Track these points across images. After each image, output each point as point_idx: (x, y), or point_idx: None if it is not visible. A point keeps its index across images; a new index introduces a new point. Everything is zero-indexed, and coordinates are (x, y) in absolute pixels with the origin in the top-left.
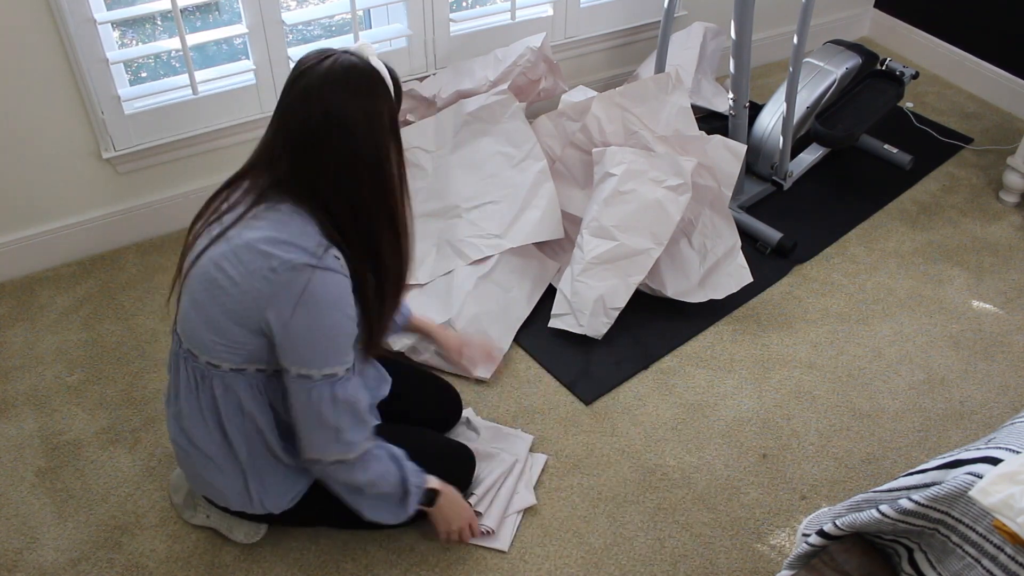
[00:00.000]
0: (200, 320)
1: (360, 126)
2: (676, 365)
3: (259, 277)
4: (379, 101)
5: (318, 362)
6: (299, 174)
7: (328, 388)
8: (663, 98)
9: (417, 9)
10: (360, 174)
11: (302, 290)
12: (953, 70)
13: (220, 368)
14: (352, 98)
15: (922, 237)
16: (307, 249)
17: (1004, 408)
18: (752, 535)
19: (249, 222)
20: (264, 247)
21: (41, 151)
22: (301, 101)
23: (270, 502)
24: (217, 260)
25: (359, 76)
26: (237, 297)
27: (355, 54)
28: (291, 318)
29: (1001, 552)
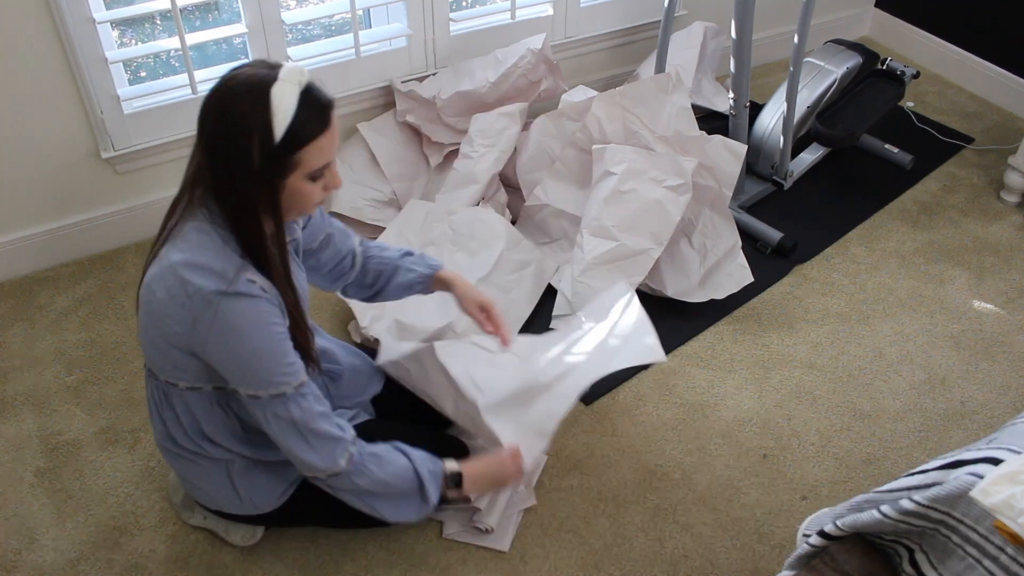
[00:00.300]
0: (147, 341)
1: (225, 144)
2: (676, 365)
3: (178, 304)
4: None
5: (259, 383)
6: (208, 177)
7: (281, 406)
8: (663, 98)
9: (417, 9)
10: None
11: (212, 319)
12: (954, 70)
13: (177, 387)
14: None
15: (923, 237)
16: (220, 273)
17: (1005, 408)
18: (752, 535)
19: (175, 241)
20: (181, 272)
21: (40, 151)
22: (209, 97)
23: (260, 500)
24: (150, 281)
25: (247, 90)
26: (166, 320)
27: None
28: (212, 346)
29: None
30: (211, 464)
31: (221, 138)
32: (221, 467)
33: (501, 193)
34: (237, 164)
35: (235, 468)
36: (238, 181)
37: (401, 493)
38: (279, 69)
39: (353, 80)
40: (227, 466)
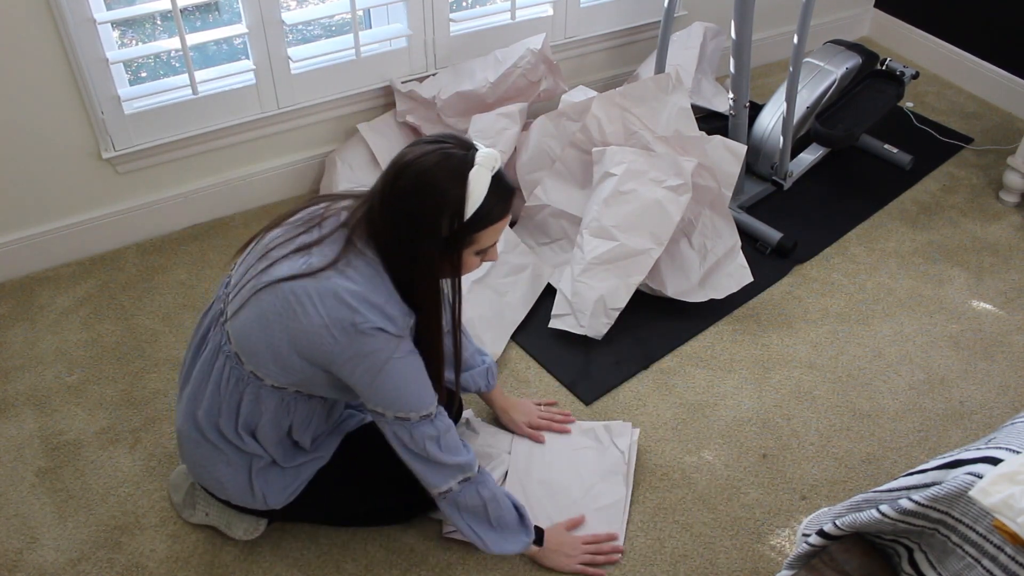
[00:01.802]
0: (262, 337)
1: (414, 211)
2: (676, 365)
3: (338, 328)
4: (441, 202)
5: (413, 406)
6: (385, 229)
7: (429, 425)
8: (663, 98)
9: (417, 9)
10: (406, 257)
11: (372, 354)
12: (953, 70)
13: (263, 381)
14: (423, 186)
15: (922, 237)
16: (390, 316)
17: (1004, 408)
18: (752, 535)
19: (343, 270)
20: (352, 301)
21: (41, 151)
22: (395, 160)
23: (272, 497)
24: (299, 294)
25: (445, 169)
26: (310, 335)
27: (471, 151)
28: (366, 378)
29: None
30: (237, 456)
31: (414, 204)
32: (245, 462)
33: None
34: (425, 231)
35: (257, 466)
36: (423, 246)
37: (504, 520)
38: (475, 152)
39: (353, 80)
40: (251, 461)
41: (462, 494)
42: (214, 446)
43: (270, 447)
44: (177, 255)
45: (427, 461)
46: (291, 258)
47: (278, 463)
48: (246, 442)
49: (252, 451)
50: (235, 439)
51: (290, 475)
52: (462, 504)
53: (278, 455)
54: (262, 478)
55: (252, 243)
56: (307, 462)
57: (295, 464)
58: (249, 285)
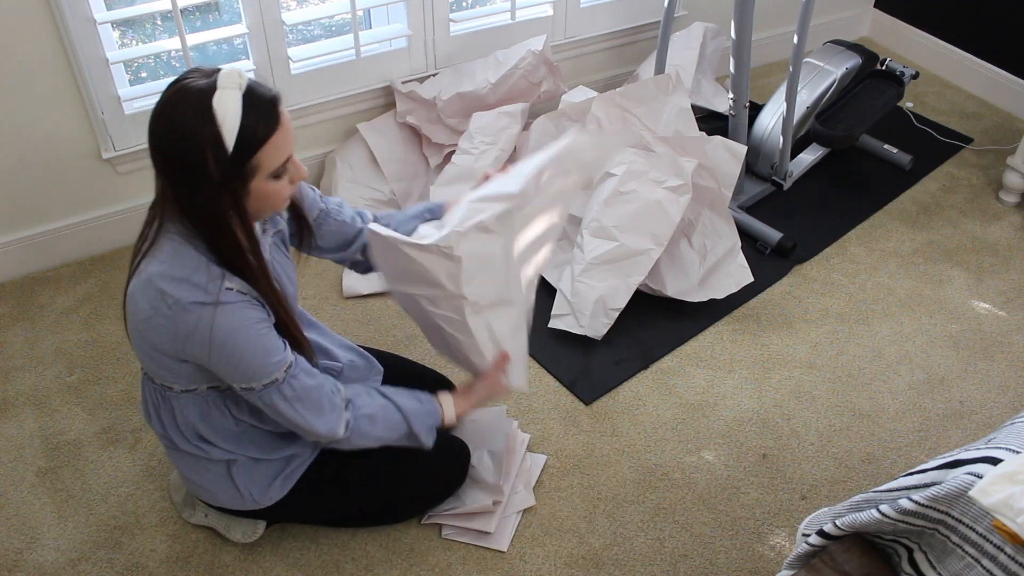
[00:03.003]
0: (138, 348)
1: (177, 157)
2: (676, 365)
3: (160, 315)
4: (197, 137)
5: (250, 378)
6: (171, 195)
7: (276, 391)
8: (663, 99)
9: (417, 9)
10: (191, 207)
11: (194, 329)
12: (953, 70)
13: (172, 390)
14: (176, 126)
15: (922, 237)
16: (199, 285)
17: (1004, 408)
18: (752, 535)
19: (153, 254)
20: (160, 284)
21: (41, 151)
22: (154, 115)
23: (260, 495)
24: (132, 294)
25: (189, 106)
26: (151, 331)
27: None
28: (198, 353)
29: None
30: (211, 464)
31: (174, 158)
32: (222, 466)
33: None
34: (196, 181)
35: (235, 467)
36: (201, 197)
37: (405, 436)
38: (216, 76)
39: (353, 80)
40: (228, 465)
41: (354, 437)
42: (186, 463)
43: (233, 447)
44: None
45: (288, 422)
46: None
47: (256, 458)
48: (207, 451)
49: (219, 457)
50: (197, 451)
51: (275, 468)
52: (363, 433)
53: (250, 450)
54: (244, 476)
55: None
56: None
57: (280, 456)
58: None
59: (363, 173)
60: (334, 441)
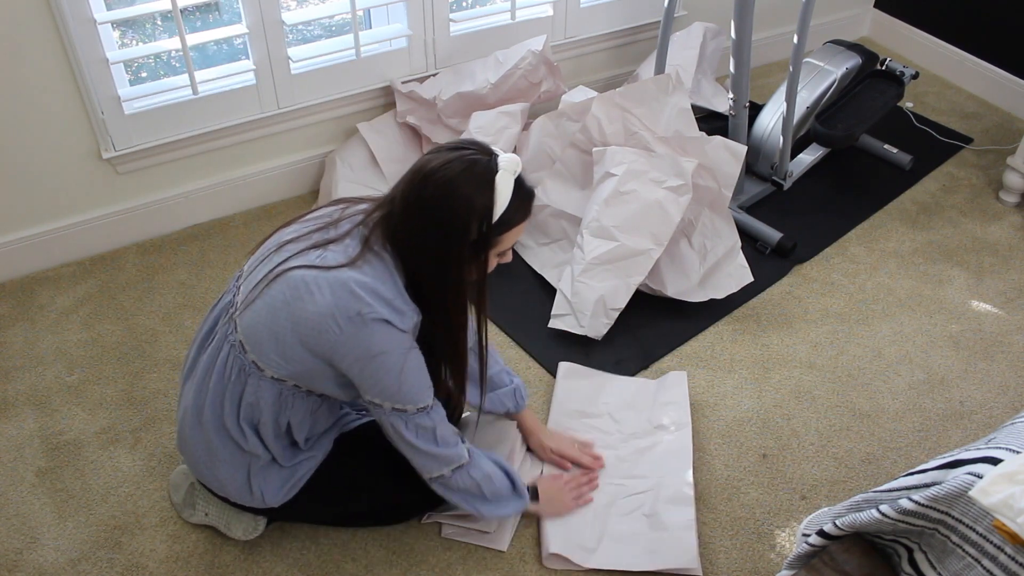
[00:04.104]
0: (268, 324)
1: (439, 218)
2: (676, 365)
3: (344, 318)
4: (470, 208)
5: (405, 399)
6: (397, 232)
7: (426, 417)
8: (663, 99)
9: (417, 9)
10: (433, 260)
11: (372, 343)
12: (953, 70)
13: (263, 372)
14: (451, 191)
15: (922, 237)
16: (398, 310)
17: (1004, 408)
18: (752, 535)
19: (357, 264)
20: (360, 291)
21: (41, 151)
22: (418, 168)
23: (269, 496)
24: (308, 282)
25: (471, 175)
26: (316, 326)
27: (493, 158)
28: (357, 366)
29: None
30: (237, 455)
31: (441, 211)
32: (244, 460)
33: None
34: (454, 236)
35: (256, 465)
36: (451, 250)
37: (499, 492)
38: (496, 157)
39: (353, 80)
40: (251, 461)
41: (454, 479)
42: (214, 444)
43: (271, 443)
44: (177, 255)
45: (421, 451)
46: (306, 253)
47: (277, 461)
48: (248, 437)
49: (252, 449)
50: (237, 434)
51: (287, 473)
52: (454, 486)
53: (278, 453)
54: (260, 477)
55: (266, 240)
56: (303, 460)
57: (292, 463)
58: (262, 276)
59: (363, 173)
60: (458, 465)
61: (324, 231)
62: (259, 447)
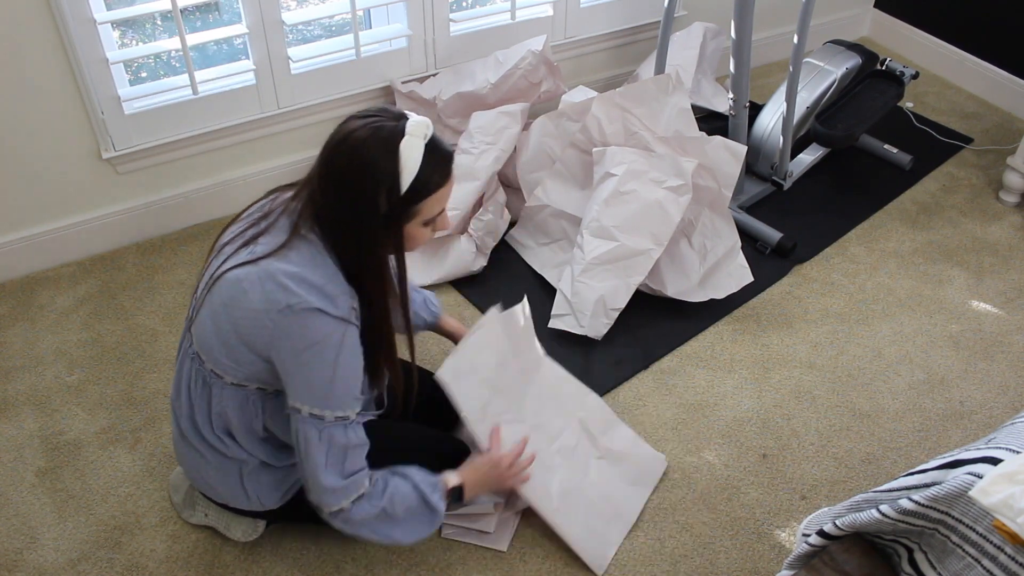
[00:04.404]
0: (213, 330)
1: (354, 187)
2: (676, 365)
3: (275, 310)
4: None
5: (327, 404)
6: (320, 211)
7: (341, 430)
8: (663, 99)
9: (417, 9)
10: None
11: (303, 333)
12: (953, 70)
13: (222, 379)
14: (359, 159)
15: (922, 237)
16: (330, 296)
17: (1004, 408)
18: (752, 535)
19: (284, 252)
20: (287, 282)
21: (41, 151)
22: (330, 140)
23: (266, 498)
24: (239, 279)
25: (377, 142)
26: (252, 323)
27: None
28: (291, 358)
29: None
30: (224, 461)
31: (350, 182)
32: (234, 466)
33: (500, 193)
34: (364, 209)
35: (247, 469)
36: (364, 224)
37: (410, 510)
38: (405, 121)
39: (353, 80)
40: (240, 466)
41: (355, 511)
42: (200, 453)
43: (253, 448)
44: (177, 255)
45: (326, 473)
46: (239, 252)
47: (268, 463)
48: (228, 446)
49: (236, 455)
50: (218, 444)
51: (281, 474)
52: (356, 520)
53: (265, 455)
54: (253, 480)
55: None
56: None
57: (287, 464)
58: (203, 284)
59: None
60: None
61: (256, 225)
62: (242, 453)
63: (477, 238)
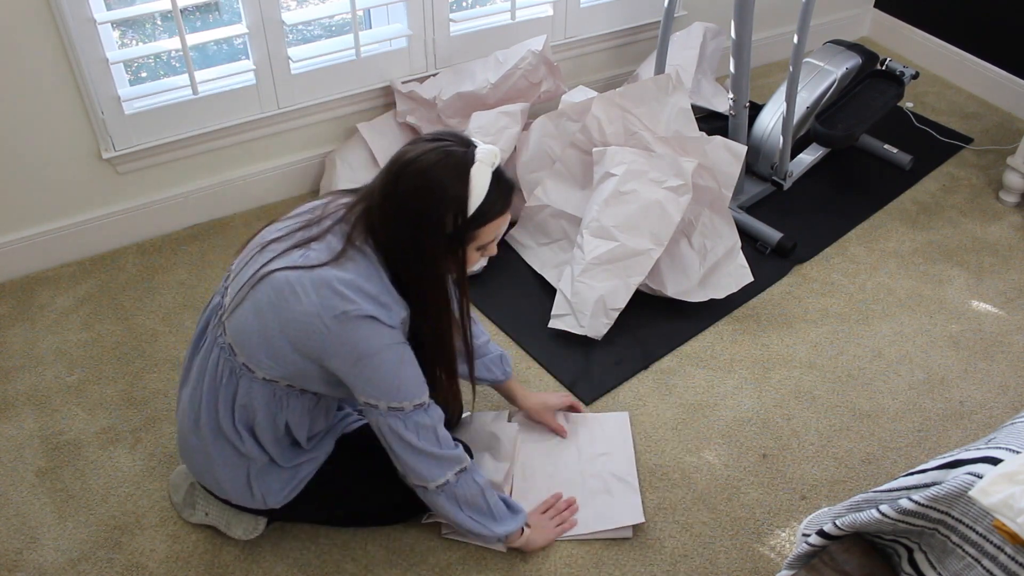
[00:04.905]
0: (256, 327)
1: (415, 209)
2: (676, 365)
3: (330, 318)
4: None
5: (402, 395)
6: (386, 226)
7: (423, 415)
8: (663, 99)
9: (417, 9)
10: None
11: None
12: (953, 70)
13: (254, 373)
14: (424, 184)
15: (922, 237)
16: (384, 305)
17: (1004, 408)
18: (752, 535)
19: (340, 261)
20: (344, 289)
21: (41, 151)
22: (396, 158)
23: (271, 497)
24: (293, 283)
25: (446, 167)
26: (303, 327)
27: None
28: (357, 364)
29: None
30: (235, 458)
31: (416, 201)
32: (243, 464)
33: None
34: (428, 228)
35: (255, 467)
36: (426, 242)
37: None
38: (474, 149)
39: (353, 80)
40: (249, 464)
41: (459, 485)
42: (211, 448)
43: (268, 445)
44: (177, 255)
45: (422, 454)
46: (289, 253)
47: (277, 462)
48: (244, 440)
49: (249, 452)
50: (234, 437)
51: (288, 474)
52: (460, 495)
53: (277, 454)
54: (260, 480)
55: (251, 239)
56: (305, 462)
57: (293, 464)
58: (247, 278)
59: (363, 173)
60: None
61: (307, 229)
62: (256, 449)
63: None
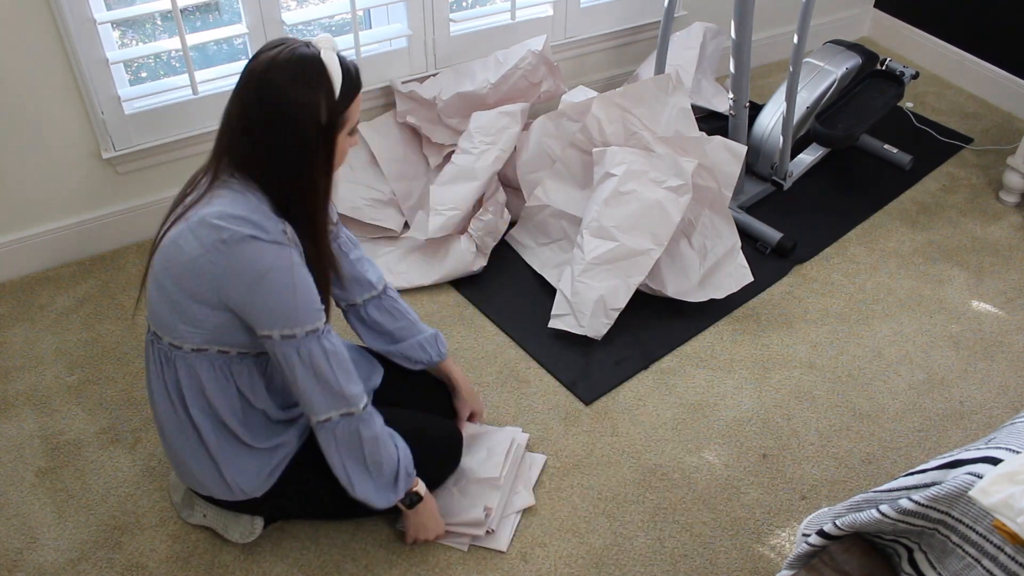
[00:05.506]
0: (162, 299)
1: (287, 114)
2: (676, 365)
3: (214, 251)
4: (312, 93)
5: (298, 321)
6: (242, 154)
7: (315, 342)
8: (663, 99)
9: (417, 9)
10: (285, 161)
11: (247, 262)
12: (953, 70)
13: (182, 349)
14: (287, 87)
15: (922, 237)
16: (256, 223)
17: (1004, 408)
18: (752, 535)
19: (206, 200)
20: (216, 220)
21: (41, 151)
22: (244, 85)
23: (247, 484)
24: (176, 238)
25: (299, 66)
26: (194, 272)
27: (310, 45)
28: (243, 289)
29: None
30: (201, 448)
31: (288, 105)
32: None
33: (500, 193)
34: (303, 128)
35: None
36: (303, 144)
37: (379, 468)
38: (311, 43)
39: None
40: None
41: (340, 426)
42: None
43: (235, 425)
44: None
45: (316, 380)
46: (169, 219)
47: (248, 443)
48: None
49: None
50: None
51: (262, 458)
52: (339, 436)
53: (246, 433)
54: (231, 466)
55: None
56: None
57: (268, 445)
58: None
59: (363, 173)
60: (349, 412)
61: (187, 196)
62: (222, 434)
63: (477, 238)
